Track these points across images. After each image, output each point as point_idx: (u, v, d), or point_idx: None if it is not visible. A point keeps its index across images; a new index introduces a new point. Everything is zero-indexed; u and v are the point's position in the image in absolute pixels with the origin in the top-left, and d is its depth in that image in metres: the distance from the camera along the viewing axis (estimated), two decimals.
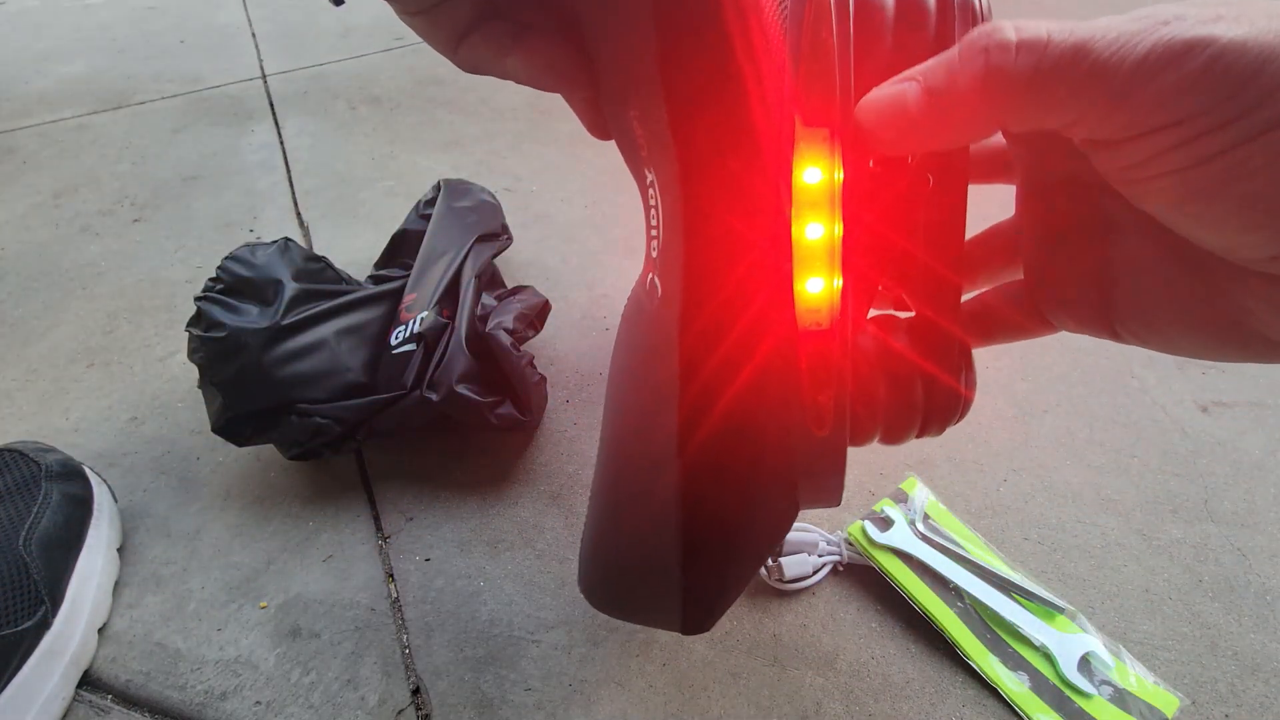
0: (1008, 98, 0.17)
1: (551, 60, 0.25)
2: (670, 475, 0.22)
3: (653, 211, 0.23)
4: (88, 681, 0.38)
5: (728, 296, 0.20)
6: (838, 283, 0.19)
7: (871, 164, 0.21)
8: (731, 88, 0.19)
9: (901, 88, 0.18)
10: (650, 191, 0.23)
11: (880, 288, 0.23)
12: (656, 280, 0.23)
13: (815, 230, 0.19)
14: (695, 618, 0.25)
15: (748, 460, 0.22)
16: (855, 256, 0.20)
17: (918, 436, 0.23)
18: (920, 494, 0.44)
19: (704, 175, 0.20)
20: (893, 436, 0.23)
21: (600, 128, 0.28)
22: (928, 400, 0.22)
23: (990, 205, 0.25)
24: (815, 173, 0.18)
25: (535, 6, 0.25)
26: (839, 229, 0.19)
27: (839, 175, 0.18)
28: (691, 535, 0.23)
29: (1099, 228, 0.22)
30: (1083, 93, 0.16)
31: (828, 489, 0.21)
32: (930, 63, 0.18)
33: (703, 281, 0.21)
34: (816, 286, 0.19)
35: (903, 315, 0.23)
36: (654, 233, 0.23)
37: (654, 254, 0.24)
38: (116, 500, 0.45)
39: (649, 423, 0.24)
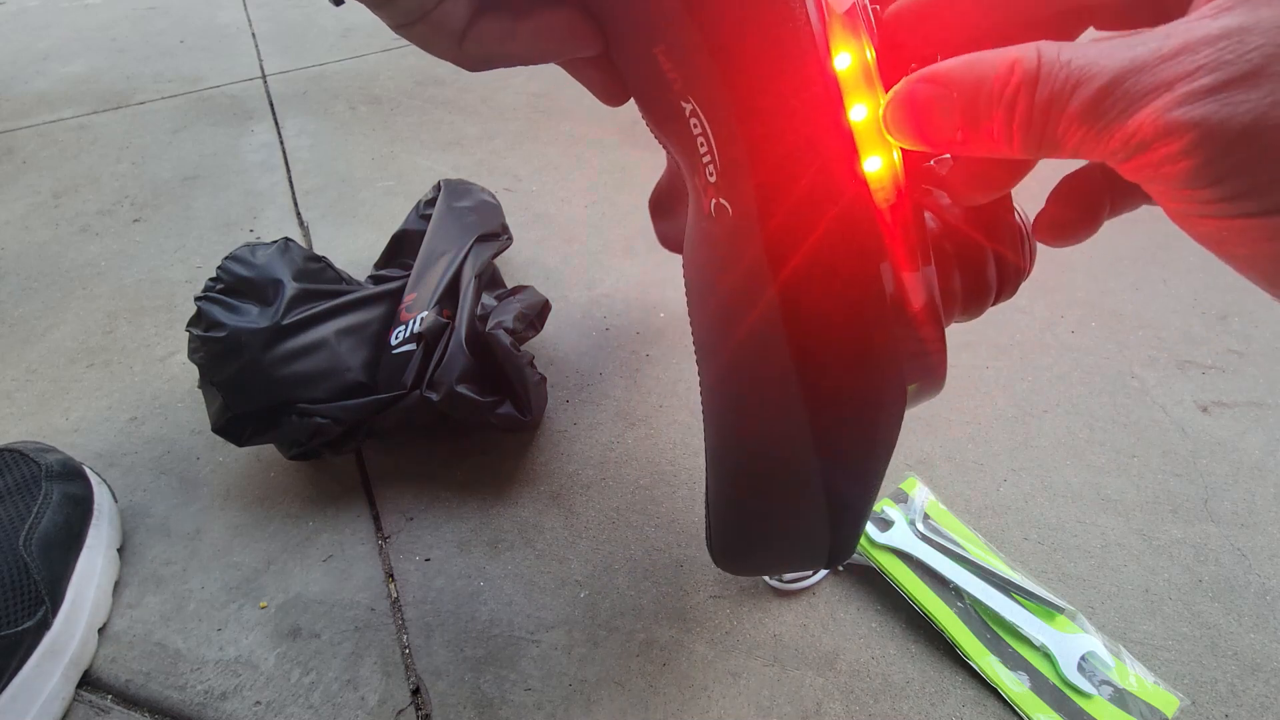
0: (1024, 147, 0.16)
1: (559, 26, 0.25)
2: (792, 390, 0.23)
3: (700, 139, 0.24)
4: (88, 681, 0.38)
5: (802, 188, 0.21)
6: (896, 155, 0.20)
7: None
8: None
9: (932, 94, 0.18)
10: (693, 121, 0.23)
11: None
12: (723, 201, 0.24)
13: (860, 111, 0.19)
14: (842, 538, 0.26)
15: (859, 350, 0.22)
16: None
17: (993, 304, 0.25)
18: (920, 494, 0.44)
19: (750, 78, 0.20)
20: (972, 309, 0.24)
21: (614, 92, 0.28)
22: (999, 271, 0.24)
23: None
24: (847, 57, 0.19)
25: None
26: (884, 102, 0.19)
27: (871, 54, 0.19)
28: (826, 443, 0.23)
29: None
30: (1091, 150, 0.16)
31: (932, 370, 0.22)
32: (963, 72, 0.17)
33: (774, 181, 0.21)
34: (876, 165, 0.20)
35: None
36: (707, 159, 0.24)
37: (712, 179, 0.24)
38: (116, 500, 0.45)
39: (755, 342, 0.24)
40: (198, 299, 0.46)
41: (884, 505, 0.43)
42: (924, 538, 0.41)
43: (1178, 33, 0.15)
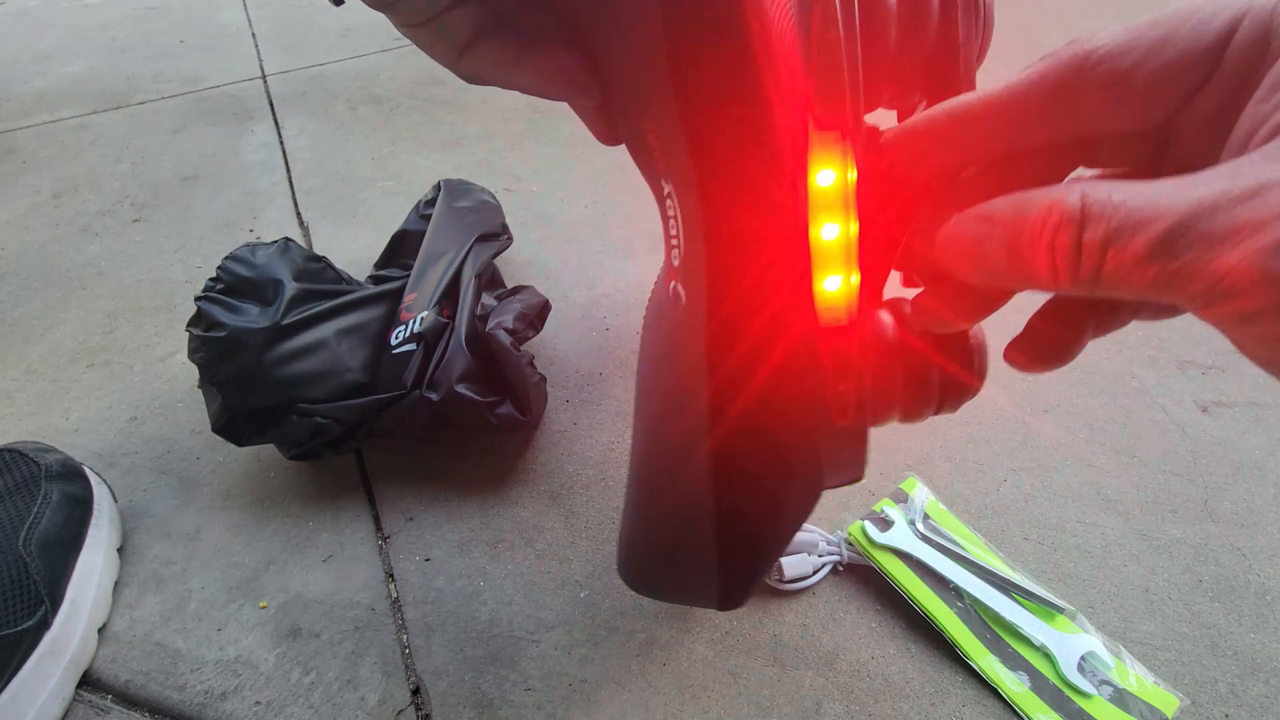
0: (1073, 282, 0.16)
1: (562, 70, 0.25)
2: (702, 466, 0.24)
3: (671, 222, 0.24)
4: (88, 681, 0.38)
5: (750, 301, 0.21)
6: (855, 280, 0.20)
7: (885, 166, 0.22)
8: (744, 94, 0.19)
9: (981, 231, 0.17)
10: (669, 202, 0.24)
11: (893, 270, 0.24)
12: (680, 288, 0.24)
13: (831, 231, 0.19)
14: (731, 595, 0.27)
15: (774, 448, 0.23)
16: (871, 253, 0.20)
17: (934, 414, 0.24)
18: (920, 494, 0.44)
19: (722, 185, 0.21)
20: (911, 417, 0.24)
21: (609, 135, 0.28)
22: (943, 381, 0.23)
23: None
24: (829, 175, 0.19)
25: (542, 17, 0.25)
26: (854, 229, 0.19)
27: (853, 176, 0.19)
28: (724, 518, 0.24)
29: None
30: (1167, 291, 0.15)
31: (851, 468, 0.22)
32: (1010, 211, 0.17)
33: (725, 288, 0.21)
34: (834, 285, 0.20)
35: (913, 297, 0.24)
36: (674, 242, 0.24)
37: (675, 262, 0.25)
38: (116, 500, 0.45)
39: (680, 420, 0.25)
40: (198, 299, 0.46)
41: (884, 505, 0.43)
42: (924, 538, 0.41)
43: (1245, 170, 0.14)
